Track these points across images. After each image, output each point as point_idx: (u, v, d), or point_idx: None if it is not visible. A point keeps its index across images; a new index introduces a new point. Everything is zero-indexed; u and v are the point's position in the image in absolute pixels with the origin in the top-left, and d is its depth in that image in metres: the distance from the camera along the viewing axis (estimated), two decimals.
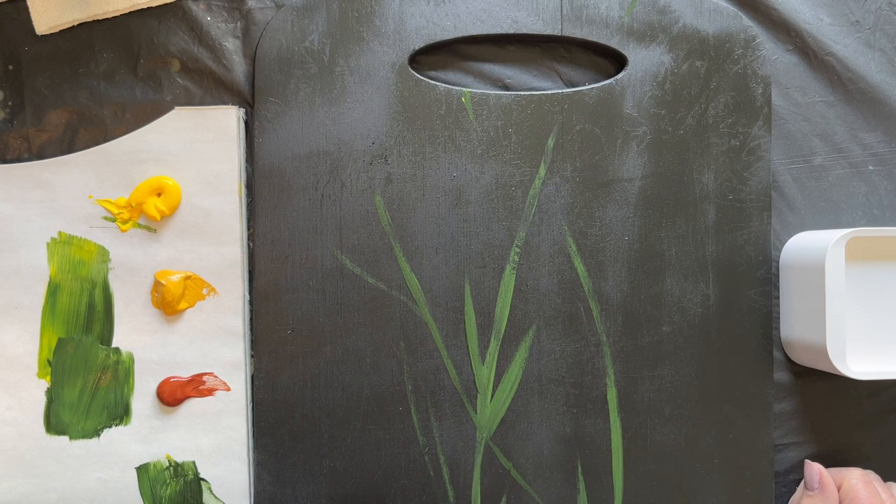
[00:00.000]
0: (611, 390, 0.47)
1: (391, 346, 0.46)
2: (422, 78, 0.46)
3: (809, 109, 0.49)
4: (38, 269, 0.46)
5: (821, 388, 0.48)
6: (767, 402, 0.47)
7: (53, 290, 0.46)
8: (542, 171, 0.47)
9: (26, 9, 0.46)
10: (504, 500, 0.47)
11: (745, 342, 0.47)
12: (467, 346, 0.46)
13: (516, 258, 0.47)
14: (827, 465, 0.47)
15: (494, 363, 0.46)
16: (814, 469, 0.45)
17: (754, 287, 0.47)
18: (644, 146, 0.47)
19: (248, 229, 0.47)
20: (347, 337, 0.46)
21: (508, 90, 0.47)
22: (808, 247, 0.46)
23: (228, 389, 0.47)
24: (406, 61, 0.46)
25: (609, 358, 0.47)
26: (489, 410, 0.47)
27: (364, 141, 0.46)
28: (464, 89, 0.46)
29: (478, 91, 0.46)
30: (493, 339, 0.46)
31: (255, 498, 0.46)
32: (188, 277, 0.46)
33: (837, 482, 0.45)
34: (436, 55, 0.47)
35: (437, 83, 0.46)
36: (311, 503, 0.46)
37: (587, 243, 0.47)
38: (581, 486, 0.47)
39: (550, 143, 0.47)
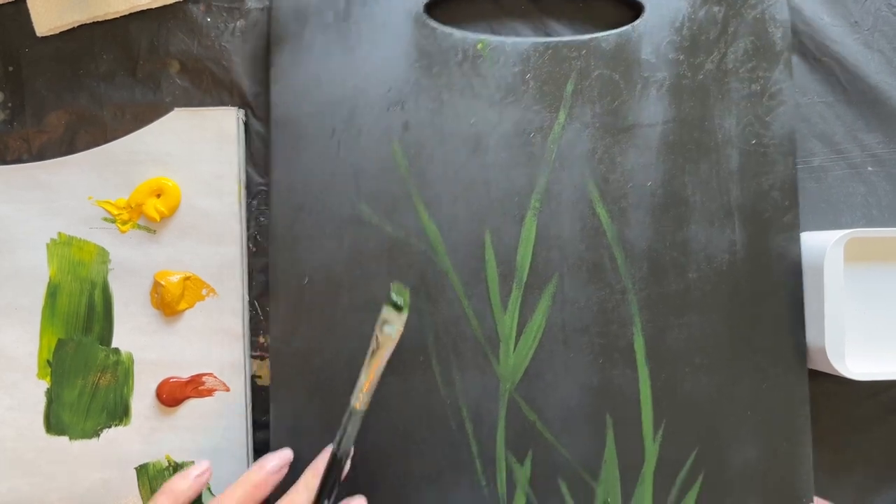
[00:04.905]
0: (638, 339, 0.45)
1: (410, 295, 0.45)
2: (437, 25, 0.46)
3: (808, 110, 0.48)
4: (37, 270, 0.46)
5: (821, 388, 0.47)
6: (801, 351, 0.45)
7: (53, 291, 0.46)
8: (562, 116, 0.46)
9: (26, 10, 0.46)
10: (531, 454, 0.45)
11: (774, 290, 0.46)
12: (488, 296, 0.45)
13: (537, 205, 0.46)
14: (827, 464, 0.46)
15: (517, 312, 0.45)
16: None
17: (782, 233, 0.46)
18: (664, 91, 0.46)
19: (248, 230, 0.47)
20: (365, 286, 0.45)
21: (525, 37, 0.47)
22: (807, 247, 0.45)
23: (228, 390, 0.46)
24: (422, 9, 0.46)
25: (635, 306, 0.45)
26: (512, 361, 0.45)
27: (380, 88, 0.46)
28: (480, 36, 0.46)
29: (494, 38, 0.46)
30: (514, 287, 0.45)
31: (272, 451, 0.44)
32: (187, 278, 0.46)
33: None
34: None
35: (453, 30, 0.46)
36: None
37: (609, 189, 0.46)
38: (610, 438, 0.45)
39: (569, 88, 0.46)
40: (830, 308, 0.43)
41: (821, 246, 0.44)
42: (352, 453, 0.42)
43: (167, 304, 0.46)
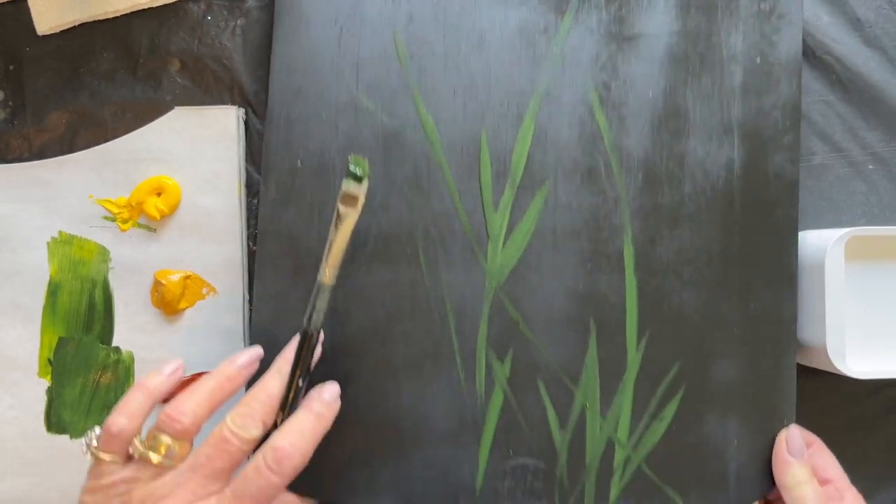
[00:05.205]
0: (627, 248, 0.45)
1: (402, 186, 0.45)
2: None
3: (809, 109, 0.48)
4: (38, 269, 0.47)
5: (821, 387, 0.47)
6: (791, 272, 0.45)
7: (54, 290, 0.47)
8: (568, 20, 0.45)
9: (27, 9, 0.46)
10: (511, 353, 0.44)
11: (769, 209, 0.45)
12: (481, 193, 0.45)
13: (536, 107, 0.45)
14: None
15: (508, 211, 0.45)
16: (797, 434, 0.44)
17: (781, 152, 0.45)
18: (672, 3, 0.46)
19: (248, 229, 0.47)
20: None
21: None
22: (808, 246, 0.45)
23: None
24: None
25: (627, 215, 0.45)
26: (500, 260, 0.45)
27: None
28: None
29: None
30: (507, 187, 0.45)
31: (251, 330, 0.44)
32: (188, 277, 0.46)
33: None
34: None
35: None
36: None
37: (610, 96, 0.45)
38: (592, 344, 0.44)
39: None
40: (831, 307, 0.43)
41: (821, 245, 0.43)
42: (322, 338, 0.41)
43: (168, 302, 0.46)
